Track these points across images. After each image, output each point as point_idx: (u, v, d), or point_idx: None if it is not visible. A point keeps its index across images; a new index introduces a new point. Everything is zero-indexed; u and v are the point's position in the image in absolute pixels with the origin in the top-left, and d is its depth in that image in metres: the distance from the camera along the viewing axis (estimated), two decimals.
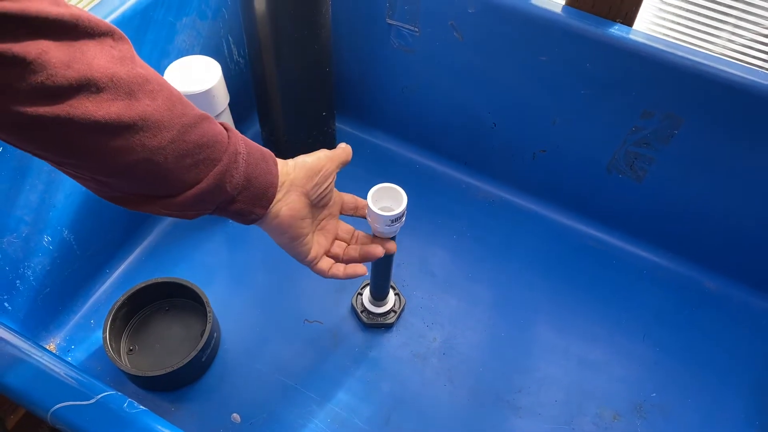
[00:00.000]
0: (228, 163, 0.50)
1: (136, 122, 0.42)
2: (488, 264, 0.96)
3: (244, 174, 0.52)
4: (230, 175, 0.51)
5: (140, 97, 0.43)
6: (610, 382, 0.85)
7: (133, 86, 0.42)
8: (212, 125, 0.50)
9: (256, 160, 0.54)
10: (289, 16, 0.82)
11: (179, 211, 0.51)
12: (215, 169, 0.50)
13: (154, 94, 0.44)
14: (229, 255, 0.96)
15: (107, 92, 0.41)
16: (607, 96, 0.85)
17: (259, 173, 0.54)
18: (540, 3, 0.82)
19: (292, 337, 0.87)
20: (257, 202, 0.55)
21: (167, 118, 0.45)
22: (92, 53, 0.40)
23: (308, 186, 0.59)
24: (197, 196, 0.49)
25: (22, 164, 0.72)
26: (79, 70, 0.39)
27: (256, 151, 0.54)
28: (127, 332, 0.84)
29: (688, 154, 0.85)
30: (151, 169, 0.45)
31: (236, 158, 0.51)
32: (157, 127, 0.44)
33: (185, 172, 0.48)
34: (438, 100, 1.00)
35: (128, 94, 0.42)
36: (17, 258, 0.76)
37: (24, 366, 0.56)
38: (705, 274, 0.96)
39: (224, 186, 0.51)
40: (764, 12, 0.82)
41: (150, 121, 0.43)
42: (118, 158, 0.43)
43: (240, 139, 0.53)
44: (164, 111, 0.45)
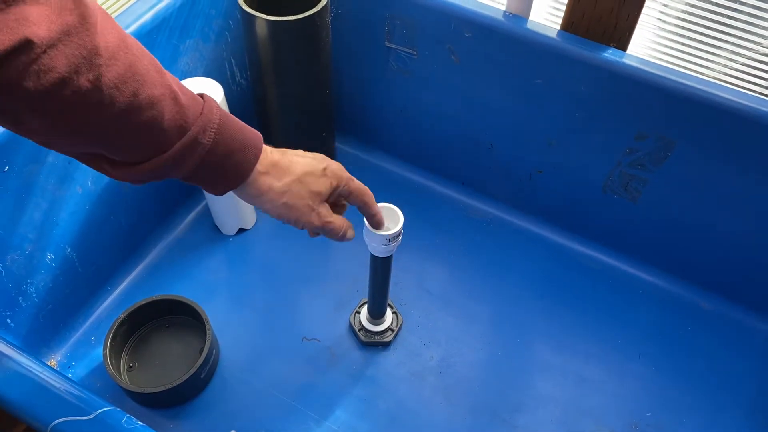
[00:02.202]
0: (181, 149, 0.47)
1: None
2: (485, 283, 0.97)
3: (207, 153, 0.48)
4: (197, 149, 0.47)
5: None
6: (606, 401, 0.86)
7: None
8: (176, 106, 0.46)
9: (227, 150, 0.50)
10: (290, 41, 0.84)
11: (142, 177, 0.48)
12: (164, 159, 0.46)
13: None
14: (229, 273, 0.97)
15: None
16: (602, 118, 0.86)
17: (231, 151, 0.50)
18: (535, 28, 0.83)
19: (290, 355, 0.88)
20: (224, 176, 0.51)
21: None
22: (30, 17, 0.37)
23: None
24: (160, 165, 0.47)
25: (26, 183, 0.73)
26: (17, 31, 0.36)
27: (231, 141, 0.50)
28: (127, 349, 0.84)
29: (682, 176, 0.86)
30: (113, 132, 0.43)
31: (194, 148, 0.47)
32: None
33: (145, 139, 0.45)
34: (436, 122, 1.02)
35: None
36: (20, 275, 0.77)
37: (25, 381, 0.57)
38: (700, 294, 0.96)
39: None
40: (762, 33, 0.84)
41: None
42: (83, 120, 0.41)
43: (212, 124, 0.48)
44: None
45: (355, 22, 0.95)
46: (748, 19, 0.84)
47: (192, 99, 0.48)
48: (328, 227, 0.59)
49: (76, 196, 0.81)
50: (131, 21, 0.80)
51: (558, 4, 0.94)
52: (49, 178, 0.76)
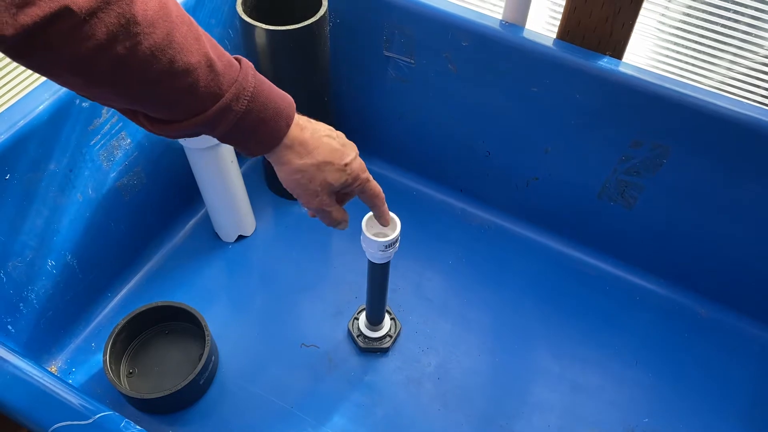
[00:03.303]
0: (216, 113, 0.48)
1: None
2: (483, 289, 0.97)
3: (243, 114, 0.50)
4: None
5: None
6: (602, 407, 0.86)
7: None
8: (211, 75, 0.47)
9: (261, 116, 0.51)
10: (289, 50, 0.85)
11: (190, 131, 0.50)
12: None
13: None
14: (228, 280, 0.98)
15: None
16: (598, 126, 0.87)
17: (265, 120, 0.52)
18: (532, 36, 0.84)
19: (288, 361, 0.88)
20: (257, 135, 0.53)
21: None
22: None
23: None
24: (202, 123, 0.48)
25: (28, 190, 0.74)
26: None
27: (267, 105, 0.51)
28: (127, 355, 0.85)
29: (677, 183, 0.87)
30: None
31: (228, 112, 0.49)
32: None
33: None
34: (433, 129, 1.03)
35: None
36: (21, 282, 0.78)
37: (25, 386, 0.57)
38: (696, 301, 0.97)
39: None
40: (760, 42, 0.85)
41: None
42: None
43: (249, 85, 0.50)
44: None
45: (354, 31, 0.96)
46: (745, 28, 0.84)
47: (228, 65, 0.49)
48: (323, 214, 0.61)
49: (77, 204, 0.81)
50: None
51: (554, 13, 0.95)
52: (50, 186, 0.77)
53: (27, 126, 0.72)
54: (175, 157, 0.95)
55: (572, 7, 0.81)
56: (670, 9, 0.88)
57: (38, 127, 0.73)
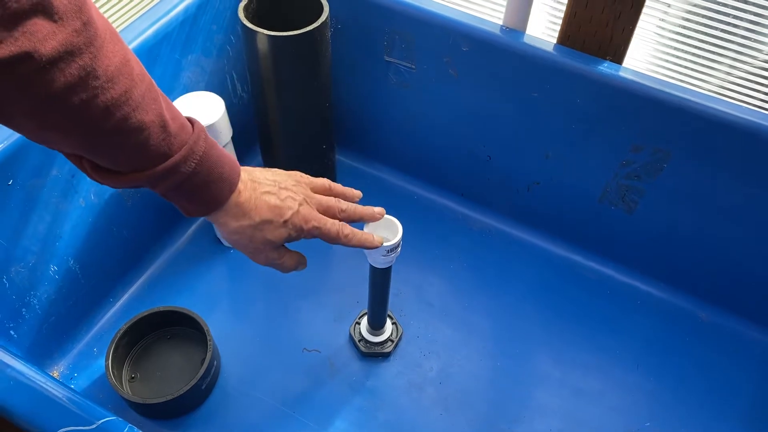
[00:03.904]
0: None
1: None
2: (484, 294, 0.98)
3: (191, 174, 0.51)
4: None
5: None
6: (604, 412, 0.86)
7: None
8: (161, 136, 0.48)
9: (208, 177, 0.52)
10: (291, 55, 0.85)
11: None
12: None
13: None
14: (230, 285, 0.98)
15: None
16: (598, 131, 0.87)
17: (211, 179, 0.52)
18: (532, 41, 0.85)
19: (290, 366, 0.88)
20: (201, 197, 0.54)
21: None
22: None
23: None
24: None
25: (30, 196, 0.75)
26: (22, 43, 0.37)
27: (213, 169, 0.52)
28: (129, 360, 0.85)
29: (678, 187, 0.87)
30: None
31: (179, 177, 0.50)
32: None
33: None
34: (434, 134, 1.03)
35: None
36: (24, 287, 0.78)
37: (28, 391, 0.58)
38: (697, 305, 0.97)
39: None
40: (759, 47, 0.85)
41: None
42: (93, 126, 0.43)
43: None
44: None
45: (355, 36, 0.97)
46: (744, 33, 0.85)
47: (181, 127, 0.50)
48: (275, 266, 0.62)
49: (79, 209, 0.82)
50: (134, 37, 0.81)
51: (554, 18, 0.96)
52: (52, 191, 0.77)
53: None
54: None
55: (572, 12, 0.81)
56: (670, 14, 0.88)
57: None
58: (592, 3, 0.79)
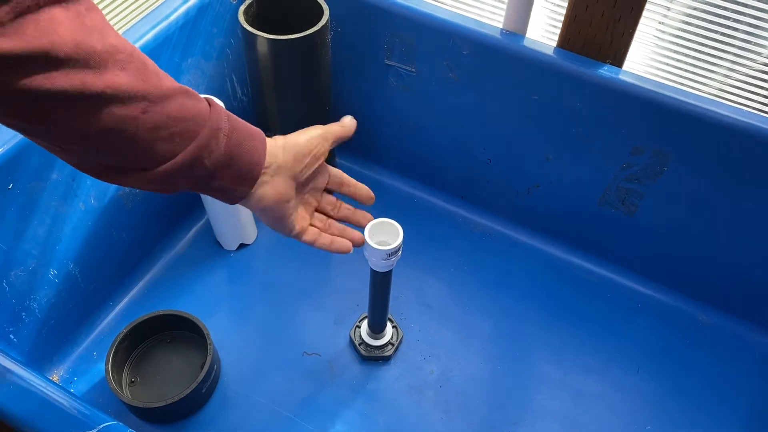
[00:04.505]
0: (207, 137, 0.50)
1: (104, 91, 0.42)
2: (484, 296, 0.98)
3: (224, 151, 0.51)
4: (209, 151, 0.50)
5: (109, 67, 0.42)
6: (604, 414, 0.86)
7: (100, 55, 0.41)
8: (192, 99, 0.49)
9: (241, 137, 0.53)
10: (291, 59, 0.85)
11: (155, 185, 0.50)
12: (192, 143, 0.49)
13: (124, 64, 0.43)
14: (230, 288, 0.98)
15: (70, 61, 0.40)
16: (598, 134, 0.87)
17: (244, 151, 0.53)
18: (532, 45, 0.85)
19: (290, 369, 0.88)
20: (241, 180, 0.54)
21: (140, 88, 0.44)
22: (57, 20, 0.39)
23: (297, 169, 0.58)
24: (174, 171, 0.49)
25: (31, 199, 0.74)
26: (38, 37, 0.38)
27: (243, 129, 0.53)
28: (129, 364, 0.85)
29: (678, 190, 0.87)
30: (122, 140, 0.45)
31: (217, 134, 0.50)
32: (127, 97, 0.43)
33: (159, 144, 0.47)
34: (435, 137, 1.03)
35: (95, 63, 0.41)
36: (24, 291, 0.78)
37: (28, 396, 0.57)
38: (698, 308, 0.97)
39: (202, 161, 0.50)
40: (758, 50, 0.85)
41: (119, 90, 0.43)
42: (83, 127, 0.43)
43: (224, 115, 0.52)
44: (136, 81, 0.44)
45: (355, 40, 0.97)
46: (743, 36, 0.85)
47: (198, 95, 0.51)
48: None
49: (79, 213, 0.82)
50: (134, 39, 0.81)
51: (554, 21, 0.96)
52: (52, 195, 0.77)
53: None
54: None
55: (572, 16, 0.81)
56: (669, 17, 0.88)
57: None
58: (591, 6, 0.79)
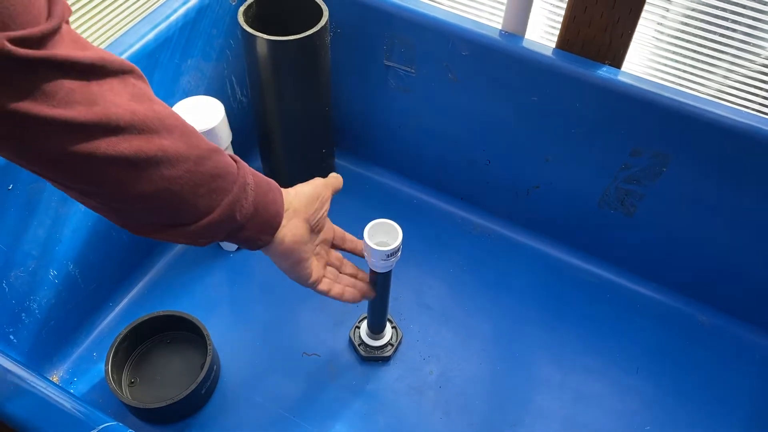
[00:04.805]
0: (238, 192, 0.54)
1: (156, 154, 0.46)
2: (484, 297, 0.98)
3: (252, 203, 0.56)
4: (240, 205, 0.55)
5: (159, 132, 0.46)
6: (604, 416, 0.86)
7: (152, 122, 0.46)
8: (223, 157, 0.54)
9: (263, 190, 0.58)
10: (290, 60, 0.85)
11: (192, 240, 0.54)
12: (226, 198, 0.53)
13: (171, 129, 0.48)
14: (230, 289, 0.98)
15: (128, 128, 0.44)
16: (597, 135, 0.87)
17: (267, 202, 0.58)
18: (531, 46, 0.85)
19: (290, 370, 0.88)
20: (265, 229, 0.59)
21: (183, 150, 0.48)
22: (115, 91, 0.43)
23: (308, 212, 0.63)
24: (210, 225, 0.53)
25: (30, 200, 0.74)
26: (103, 108, 0.42)
27: (263, 182, 0.59)
28: (128, 364, 0.85)
29: (677, 191, 0.87)
30: (169, 198, 0.49)
31: (245, 188, 0.55)
32: (174, 159, 0.48)
33: (199, 200, 0.51)
34: (434, 138, 1.03)
35: (148, 129, 0.45)
36: (23, 291, 0.78)
37: (28, 396, 0.57)
38: (697, 308, 0.97)
39: (234, 215, 0.54)
40: (756, 51, 0.85)
41: (168, 153, 0.47)
42: (138, 188, 0.46)
43: (248, 171, 0.57)
44: (180, 144, 0.48)
45: (354, 41, 0.97)
46: (742, 37, 0.85)
47: (225, 152, 0.56)
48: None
49: (79, 213, 0.82)
50: (134, 41, 0.81)
51: (553, 22, 0.96)
52: (52, 196, 0.77)
53: None
54: None
55: (571, 17, 0.81)
56: (668, 18, 0.89)
57: None
58: (590, 7, 0.79)
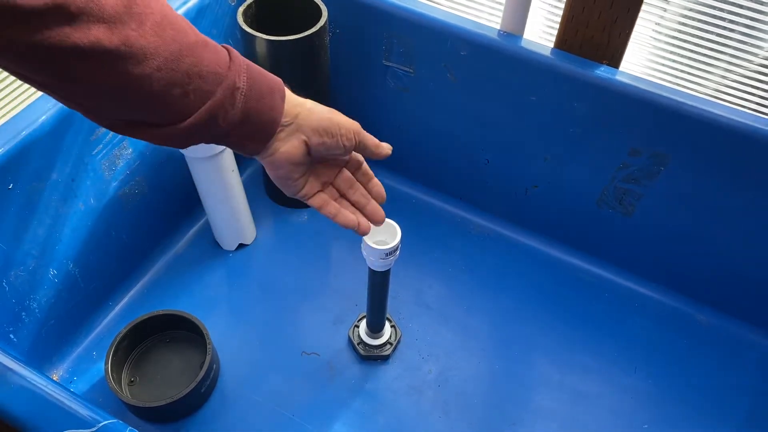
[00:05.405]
0: (222, 97, 0.48)
1: (117, 48, 0.40)
2: (483, 297, 0.98)
3: (240, 111, 0.49)
4: (224, 111, 0.48)
5: (125, 22, 0.41)
6: (603, 414, 0.86)
7: (117, 9, 0.40)
8: (210, 53, 0.47)
9: (259, 94, 0.50)
10: (289, 60, 0.85)
11: (169, 141, 0.49)
12: (207, 103, 0.47)
13: (142, 18, 0.42)
14: (229, 288, 0.98)
15: (86, 15, 0.39)
16: (596, 134, 0.88)
17: (261, 110, 0.51)
18: (529, 46, 0.85)
19: (289, 369, 0.88)
20: (254, 137, 0.52)
21: (154, 44, 0.43)
22: None
23: (313, 140, 0.55)
24: (189, 129, 0.47)
25: (30, 200, 0.75)
26: None
27: (261, 84, 0.51)
28: (128, 363, 0.85)
29: (676, 190, 0.87)
30: (137, 97, 0.44)
31: (233, 94, 0.48)
32: (141, 54, 0.42)
33: (174, 102, 0.46)
34: (433, 138, 1.03)
35: (111, 17, 0.40)
36: (24, 291, 0.78)
37: (28, 395, 0.58)
38: (696, 308, 0.97)
39: (217, 120, 0.48)
40: (754, 50, 0.86)
41: (134, 47, 0.41)
42: (101, 84, 0.42)
43: (242, 69, 0.49)
44: (151, 37, 0.42)
45: (353, 41, 0.97)
46: (740, 37, 0.85)
47: (218, 47, 0.49)
48: (362, 136, 0.61)
49: (79, 213, 0.82)
50: None
51: (552, 22, 0.96)
52: (52, 195, 0.77)
53: (30, 136, 0.72)
54: (176, 167, 0.96)
55: (570, 17, 0.82)
56: (666, 18, 0.89)
57: (41, 137, 0.73)
58: (589, 8, 0.79)
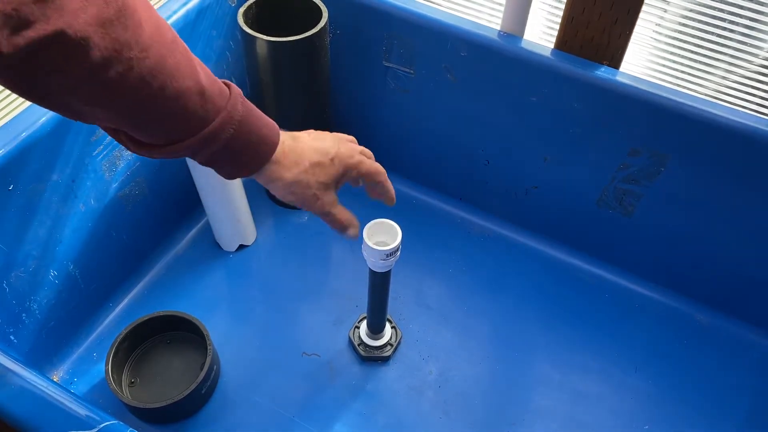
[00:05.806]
0: (198, 145, 0.49)
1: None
2: (483, 297, 0.98)
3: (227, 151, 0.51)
4: (203, 152, 0.50)
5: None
6: (603, 414, 0.86)
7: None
8: (191, 103, 0.47)
9: (240, 151, 0.52)
10: (290, 61, 0.85)
11: (149, 154, 0.50)
12: (185, 142, 0.48)
13: (131, 64, 0.42)
14: (229, 289, 0.98)
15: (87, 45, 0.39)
16: (596, 135, 0.88)
17: (243, 163, 0.53)
18: (530, 46, 0.85)
19: (290, 370, 0.88)
20: (241, 171, 0.54)
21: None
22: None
23: (286, 198, 0.58)
24: (169, 154, 0.49)
25: (31, 201, 0.75)
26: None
27: (244, 143, 0.52)
28: (128, 365, 0.85)
29: (676, 191, 0.87)
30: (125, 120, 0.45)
31: (213, 142, 0.49)
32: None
33: (153, 131, 0.47)
34: (433, 138, 1.03)
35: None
36: (24, 292, 0.78)
37: (29, 396, 0.58)
38: (696, 308, 0.97)
39: (195, 157, 0.50)
40: (754, 51, 0.86)
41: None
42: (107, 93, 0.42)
43: (227, 126, 0.50)
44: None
45: (354, 42, 0.97)
46: (740, 38, 0.85)
47: (219, 93, 0.49)
48: (329, 218, 0.61)
49: (79, 214, 0.82)
50: None
51: (552, 23, 0.96)
52: (53, 196, 0.77)
53: (30, 137, 0.72)
54: (176, 168, 0.96)
55: (570, 18, 0.82)
56: (666, 19, 0.89)
57: (41, 138, 0.73)
58: (589, 8, 0.79)
